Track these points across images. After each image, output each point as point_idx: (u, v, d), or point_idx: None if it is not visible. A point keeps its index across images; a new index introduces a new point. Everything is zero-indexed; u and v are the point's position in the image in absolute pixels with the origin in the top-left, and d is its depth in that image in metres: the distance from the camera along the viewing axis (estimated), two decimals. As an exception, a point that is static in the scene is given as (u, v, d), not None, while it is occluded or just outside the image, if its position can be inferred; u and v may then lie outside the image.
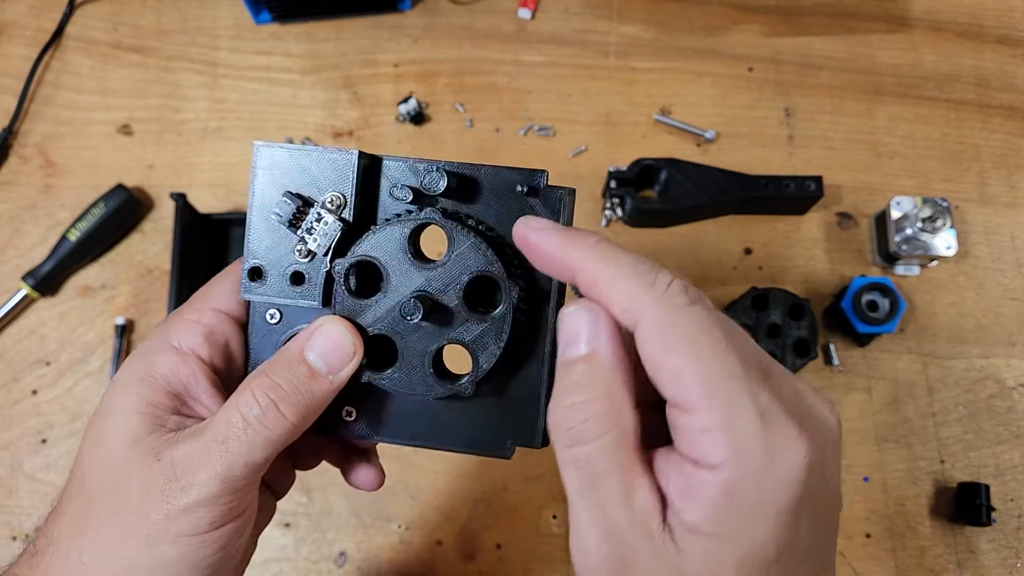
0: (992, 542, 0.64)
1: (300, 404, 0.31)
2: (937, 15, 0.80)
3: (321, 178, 0.33)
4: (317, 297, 0.34)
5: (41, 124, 0.75)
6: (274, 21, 0.78)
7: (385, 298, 0.33)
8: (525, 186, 0.33)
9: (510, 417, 0.35)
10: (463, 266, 0.32)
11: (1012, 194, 0.74)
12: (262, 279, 0.34)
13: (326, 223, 0.33)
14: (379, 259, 0.33)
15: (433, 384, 0.33)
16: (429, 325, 0.33)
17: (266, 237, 0.34)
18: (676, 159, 0.70)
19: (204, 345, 0.34)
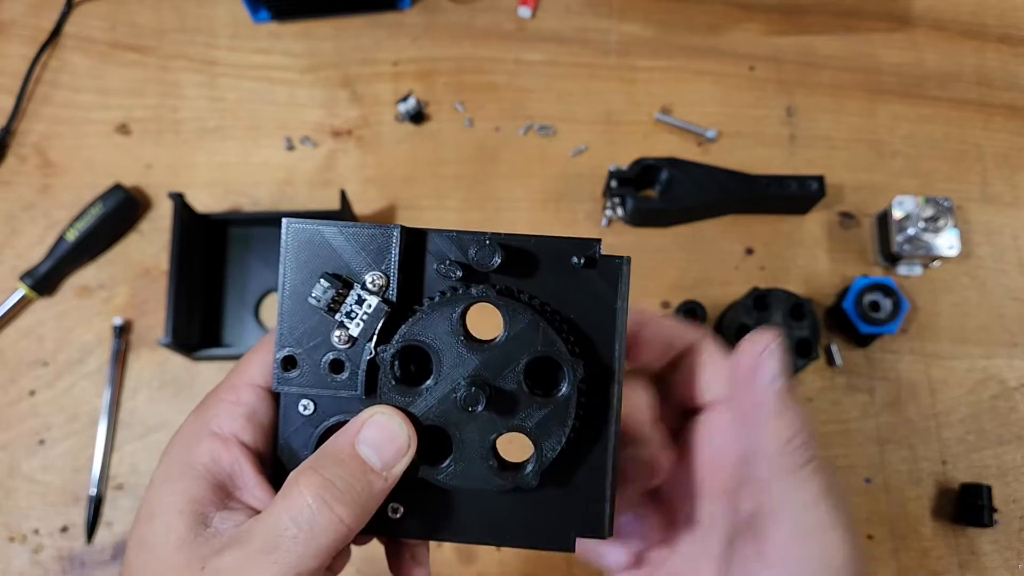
0: (994, 543, 0.64)
1: (355, 504, 0.28)
2: (939, 14, 0.79)
3: (358, 256, 0.31)
4: (359, 387, 0.31)
5: (39, 123, 0.75)
6: (272, 20, 0.78)
7: (437, 385, 0.30)
8: (582, 258, 0.31)
9: (572, 506, 0.32)
10: (521, 347, 0.30)
11: (1015, 194, 0.74)
12: (296, 368, 0.31)
13: (369, 305, 0.30)
14: (429, 343, 0.30)
15: (494, 477, 0.30)
16: (486, 413, 0.30)
17: (300, 323, 0.31)
18: (677, 158, 0.69)
19: (246, 428, 0.31)
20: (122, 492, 0.64)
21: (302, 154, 0.74)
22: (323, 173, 0.73)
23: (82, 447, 0.65)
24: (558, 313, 0.31)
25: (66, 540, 0.63)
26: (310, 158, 0.74)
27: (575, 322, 0.31)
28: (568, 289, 0.31)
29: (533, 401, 0.30)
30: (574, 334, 0.31)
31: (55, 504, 0.64)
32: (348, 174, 0.73)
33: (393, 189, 0.73)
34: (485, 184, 0.73)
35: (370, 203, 0.72)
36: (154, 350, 0.68)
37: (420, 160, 0.74)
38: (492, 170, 0.73)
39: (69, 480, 0.65)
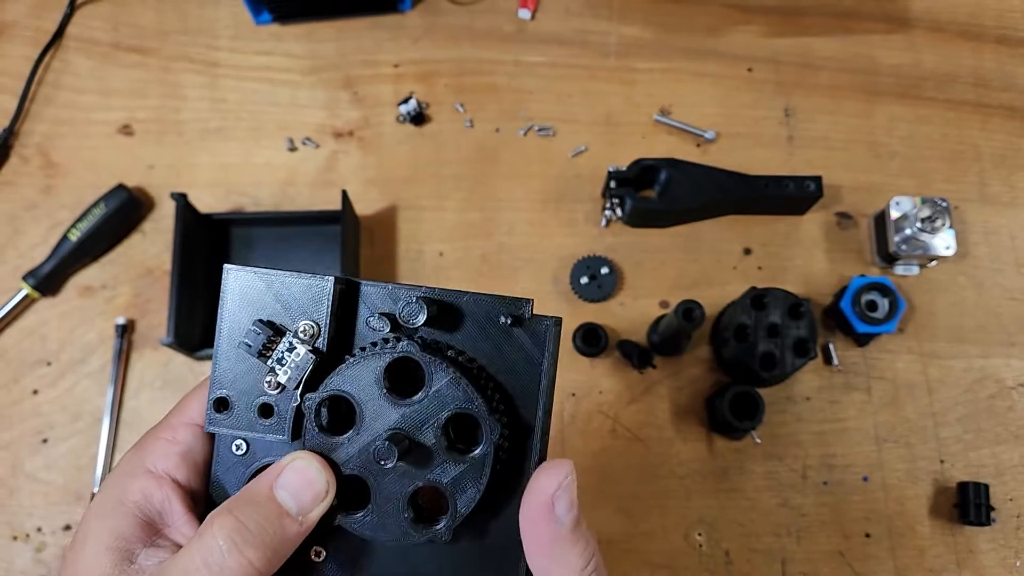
0: (991, 542, 0.64)
1: (267, 548, 0.29)
2: (937, 15, 0.80)
3: (295, 305, 0.32)
4: (286, 432, 0.31)
5: (41, 124, 0.75)
6: (274, 21, 0.78)
7: (359, 436, 0.31)
8: (509, 317, 0.31)
9: (490, 560, 0.32)
10: (441, 403, 0.30)
11: (1012, 194, 0.74)
12: (228, 410, 0.32)
13: (298, 354, 0.31)
14: (352, 394, 0.31)
15: (408, 529, 0.31)
16: (404, 466, 0.31)
17: (235, 366, 0.32)
18: (676, 159, 0.70)
19: (180, 467, 0.32)
20: (124, 491, 0.65)
21: (304, 155, 0.74)
22: (324, 174, 0.74)
23: (85, 446, 0.66)
24: (484, 370, 0.32)
25: (69, 538, 0.64)
26: (311, 159, 0.74)
27: (501, 380, 0.32)
28: (498, 346, 0.32)
29: (451, 457, 0.31)
30: (499, 392, 0.32)
31: (58, 503, 0.65)
32: (349, 175, 0.74)
33: (394, 190, 0.73)
34: (485, 185, 0.73)
35: (371, 204, 0.73)
36: (156, 350, 0.68)
37: (421, 161, 0.74)
38: (492, 171, 0.74)
39: (72, 479, 0.65)
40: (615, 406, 0.67)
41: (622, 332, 0.69)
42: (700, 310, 0.59)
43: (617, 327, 0.69)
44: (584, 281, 0.69)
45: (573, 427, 0.66)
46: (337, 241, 0.67)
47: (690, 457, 0.66)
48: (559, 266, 0.71)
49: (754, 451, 0.66)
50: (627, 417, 0.67)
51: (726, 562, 0.64)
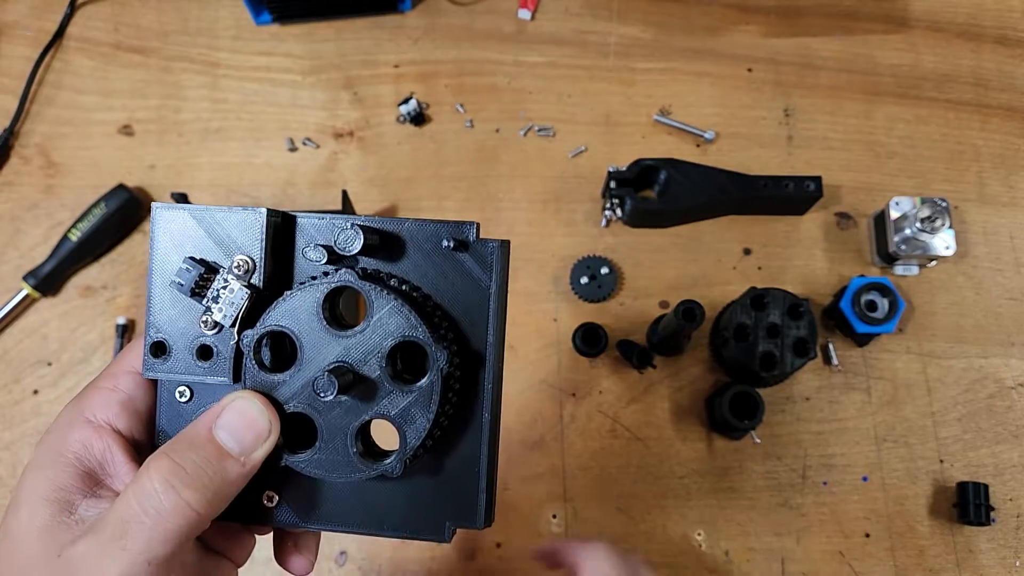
0: (991, 541, 0.65)
1: (207, 489, 0.28)
2: (936, 15, 0.80)
3: (229, 240, 0.30)
4: (227, 372, 0.30)
5: (42, 124, 0.75)
6: (274, 22, 0.78)
7: (300, 371, 0.30)
8: (452, 240, 0.31)
9: (448, 495, 0.32)
10: (384, 332, 0.29)
11: (1011, 194, 0.74)
12: (166, 355, 0.31)
13: (232, 290, 0.30)
14: (291, 329, 0.30)
15: (357, 465, 0.30)
16: (350, 399, 0.30)
17: (169, 308, 0.31)
18: (676, 159, 0.70)
19: (121, 415, 0.31)
20: (125, 490, 0.65)
21: (304, 155, 0.74)
22: (325, 174, 0.74)
23: (85, 446, 0.66)
24: (430, 298, 0.31)
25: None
26: (312, 159, 0.74)
27: (448, 308, 0.31)
28: (444, 273, 0.31)
29: (397, 388, 0.30)
30: (447, 320, 0.31)
31: (58, 502, 0.65)
32: (349, 175, 0.74)
33: (394, 190, 0.73)
34: (485, 185, 0.74)
35: (371, 204, 0.73)
36: (157, 349, 0.68)
37: (421, 161, 0.74)
38: (492, 171, 0.74)
39: (72, 478, 0.65)
40: (615, 406, 0.67)
41: (622, 332, 0.69)
42: (700, 310, 0.59)
43: (617, 327, 0.69)
44: (584, 281, 0.69)
45: (573, 427, 0.67)
46: (337, 241, 0.67)
47: (690, 457, 0.66)
48: (559, 266, 0.71)
49: (754, 451, 0.66)
50: (627, 417, 0.67)
51: (726, 562, 0.64)
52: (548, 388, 0.67)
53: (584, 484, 0.65)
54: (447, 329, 0.31)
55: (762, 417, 0.63)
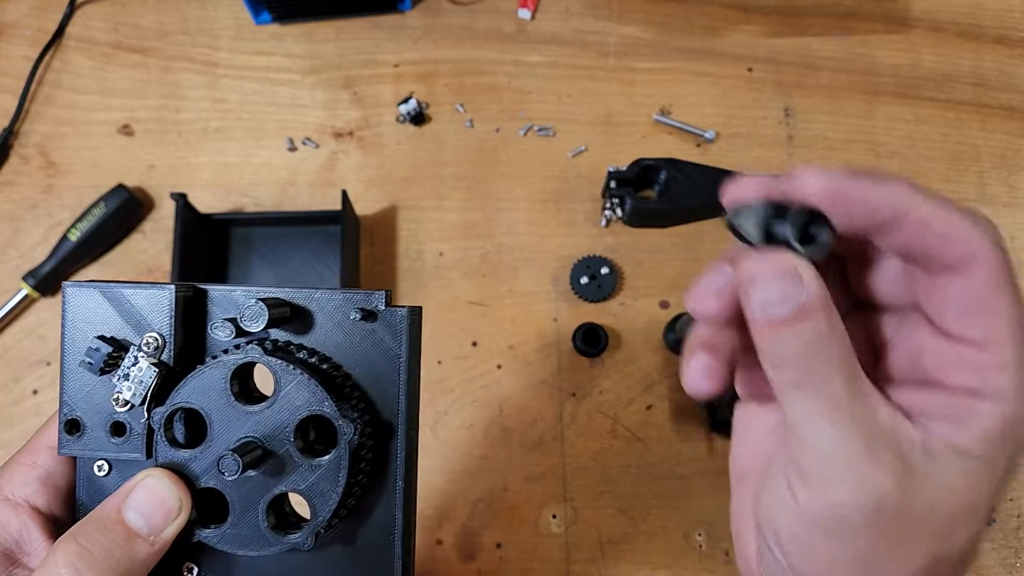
0: (992, 541, 0.64)
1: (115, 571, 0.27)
2: (936, 15, 0.80)
3: (139, 317, 0.30)
4: (140, 449, 0.31)
5: (42, 124, 0.75)
6: (274, 22, 0.78)
7: (211, 447, 0.30)
8: (359, 311, 0.30)
9: (365, 565, 0.32)
10: (292, 407, 0.30)
11: (1011, 194, 0.74)
12: (80, 432, 0.31)
13: (140, 368, 0.30)
14: (199, 406, 0.30)
15: (268, 539, 0.30)
16: (259, 475, 0.30)
17: (82, 386, 0.31)
18: (676, 159, 0.70)
19: (40, 492, 0.31)
20: (124, 490, 0.65)
21: (304, 155, 0.74)
22: (325, 174, 0.74)
23: (85, 446, 0.66)
24: (340, 368, 0.31)
25: (69, 538, 0.64)
26: (312, 159, 0.74)
27: (359, 379, 0.31)
28: (355, 343, 0.31)
29: (306, 462, 0.30)
30: (358, 391, 0.31)
31: (58, 502, 0.65)
32: (349, 175, 0.74)
33: (394, 190, 0.73)
34: (485, 184, 0.73)
35: (371, 204, 0.73)
36: (156, 349, 0.68)
37: (421, 161, 0.74)
38: (492, 171, 0.74)
39: (72, 479, 0.65)
40: (615, 406, 0.67)
41: (622, 332, 0.69)
42: None
43: (617, 327, 0.69)
44: (584, 281, 0.69)
45: (573, 427, 0.66)
46: (337, 241, 0.67)
47: (690, 457, 0.66)
48: (559, 266, 0.71)
49: (754, 451, 0.66)
50: (627, 417, 0.67)
51: (726, 562, 0.64)
52: (548, 388, 0.67)
53: (584, 484, 0.65)
54: (358, 399, 0.31)
55: (762, 417, 0.63)
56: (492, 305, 0.70)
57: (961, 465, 0.25)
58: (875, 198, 0.25)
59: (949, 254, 0.25)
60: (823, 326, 0.24)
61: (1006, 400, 0.25)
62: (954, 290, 0.25)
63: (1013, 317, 0.25)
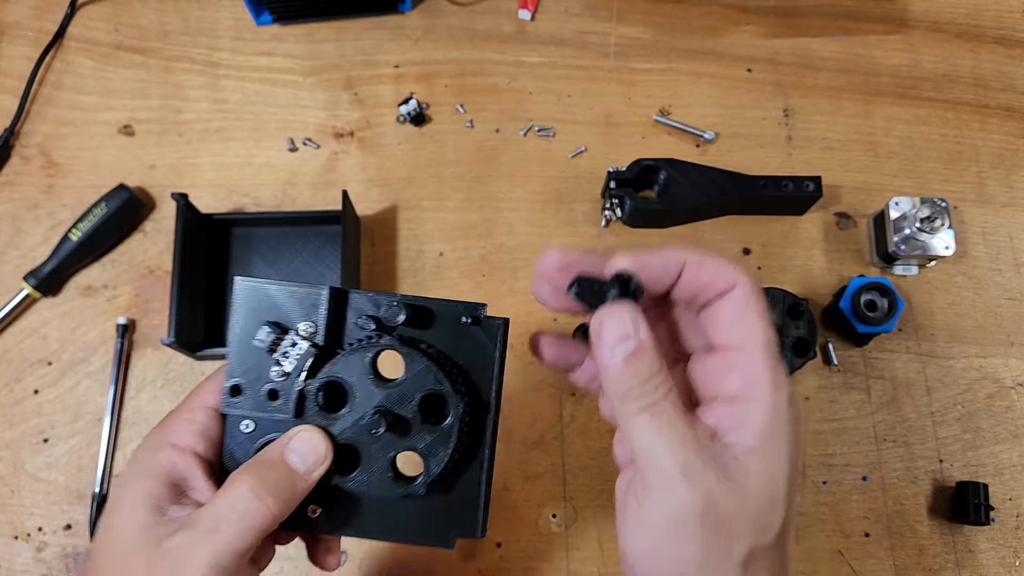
0: (991, 541, 0.65)
1: (280, 498, 0.36)
2: (935, 16, 0.80)
3: (295, 309, 0.39)
4: (291, 411, 0.39)
5: (43, 124, 0.75)
6: (275, 22, 0.78)
7: (351, 412, 0.38)
8: (469, 317, 0.39)
9: (454, 512, 0.40)
10: (417, 385, 0.38)
11: (1010, 194, 0.74)
12: (241, 395, 0.39)
13: (300, 348, 0.39)
14: (345, 379, 0.38)
15: (392, 486, 0.38)
16: (388, 435, 0.38)
17: (246, 359, 0.39)
18: (675, 159, 0.70)
19: (199, 441, 0.38)
20: (125, 490, 0.65)
21: (304, 155, 0.74)
22: (325, 174, 0.74)
23: (86, 445, 0.66)
24: (450, 360, 0.39)
25: (70, 538, 0.64)
26: (312, 159, 0.74)
27: (464, 368, 0.39)
28: (460, 341, 0.39)
29: (425, 428, 0.38)
30: (462, 377, 0.39)
31: (59, 502, 0.65)
32: (350, 175, 0.74)
33: (394, 190, 0.73)
34: (485, 185, 0.74)
35: (371, 204, 0.73)
36: (158, 349, 0.68)
37: (421, 161, 0.74)
38: (492, 171, 0.74)
39: (73, 478, 0.65)
40: (615, 405, 0.67)
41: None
42: None
43: (617, 327, 0.69)
44: (584, 281, 0.69)
45: (573, 427, 0.67)
46: (338, 241, 0.67)
47: (690, 456, 0.66)
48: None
49: (753, 450, 0.66)
50: (627, 416, 0.67)
51: (725, 561, 0.64)
52: (548, 388, 0.67)
53: (584, 484, 0.65)
54: (462, 383, 0.39)
55: (762, 417, 0.63)
56: (492, 305, 0.69)
57: (755, 462, 0.32)
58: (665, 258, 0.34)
59: (719, 283, 0.34)
60: (656, 362, 0.33)
61: (765, 393, 0.32)
62: (722, 310, 0.34)
63: (760, 324, 0.33)
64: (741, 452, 0.32)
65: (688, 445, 0.32)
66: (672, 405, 0.33)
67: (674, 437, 0.32)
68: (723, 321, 0.34)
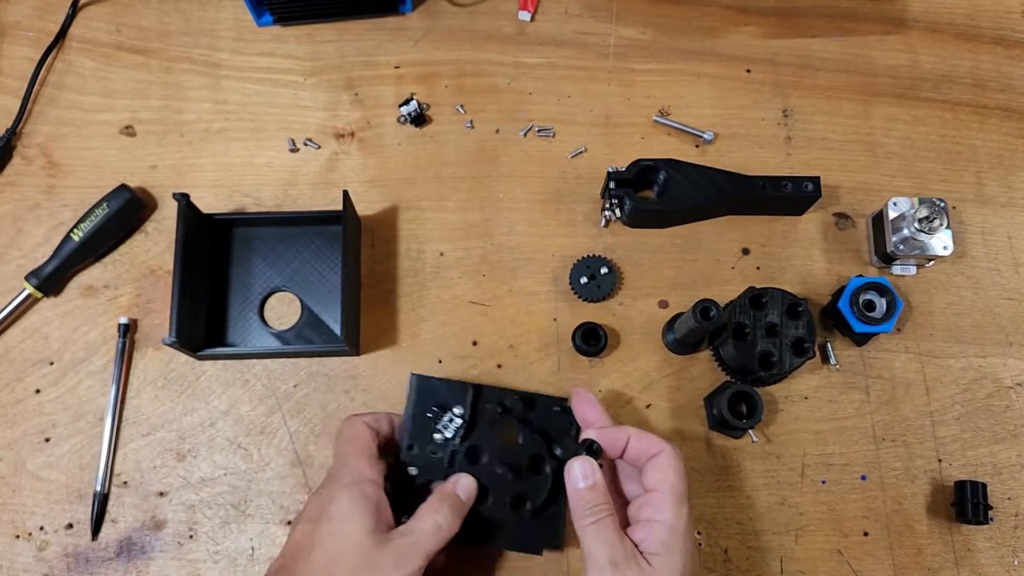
0: (989, 540, 0.65)
1: (457, 518, 0.55)
2: (934, 17, 0.80)
3: (451, 395, 0.60)
4: (445, 463, 0.59)
5: (44, 125, 0.75)
6: (276, 23, 0.78)
7: (486, 464, 0.59)
8: (559, 407, 0.61)
9: (543, 531, 0.59)
10: (526, 449, 0.59)
11: (1009, 194, 0.75)
12: (412, 451, 0.59)
13: (455, 422, 0.59)
14: (482, 444, 0.59)
15: (509, 512, 0.58)
16: (508, 480, 0.58)
17: (419, 429, 0.59)
18: (675, 160, 0.70)
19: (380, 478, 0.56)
20: (126, 489, 0.65)
21: (305, 156, 0.75)
22: (326, 174, 0.74)
23: (87, 445, 0.66)
24: (545, 431, 0.60)
25: (71, 537, 0.64)
26: (313, 159, 0.75)
27: (553, 437, 0.60)
28: (552, 419, 0.61)
29: (530, 476, 0.59)
30: (553, 443, 0.60)
31: (60, 501, 0.65)
32: (350, 175, 0.74)
33: (395, 190, 0.74)
34: (486, 185, 0.74)
35: (372, 204, 0.73)
36: (159, 349, 0.68)
37: (422, 162, 0.75)
38: (492, 171, 0.74)
39: (74, 478, 0.65)
40: (614, 405, 0.67)
41: (621, 331, 0.69)
42: (717, 309, 0.59)
43: (616, 327, 0.70)
44: (584, 281, 0.69)
45: (573, 426, 0.67)
46: (338, 241, 0.67)
47: (689, 456, 0.66)
48: (559, 266, 0.71)
49: (752, 450, 0.67)
50: (626, 416, 0.67)
51: (724, 560, 0.64)
52: (548, 388, 0.68)
53: (584, 483, 0.66)
54: (553, 448, 0.60)
55: (761, 416, 0.63)
56: (492, 305, 0.70)
57: (658, 562, 0.50)
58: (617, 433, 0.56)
59: (652, 449, 0.55)
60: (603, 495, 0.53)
61: (667, 519, 0.52)
62: (650, 466, 0.54)
63: (672, 475, 0.53)
64: (650, 555, 0.51)
65: (616, 548, 0.50)
66: (611, 522, 0.52)
67: (607, 541, 0.51)
68: (649, 472, 0.54)
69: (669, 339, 0.68)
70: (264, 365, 0.68)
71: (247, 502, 0.65)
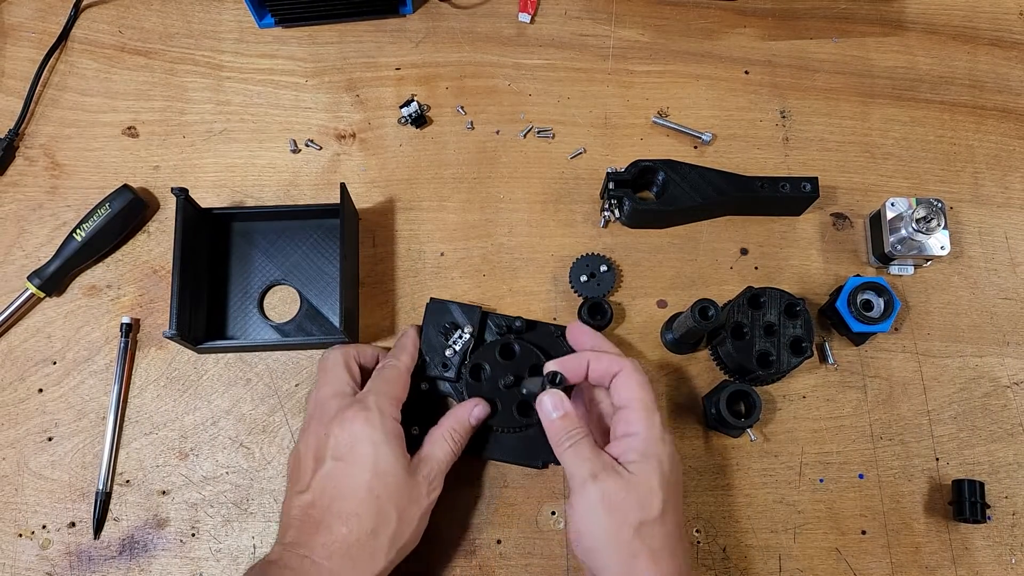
0: (987, 539, 0.65)
1: (467, 436, 0.61)
2: (932, 18, 0.81)
3: (461, 316, 0.66)
4: (453, 375, 0.65)
5: (47, 126, 0.76)
6: (277, 25, 0.79)
7: (491, 379, 0.64)
8: (559, 332, 0.66)
9: (543, 446, 0.59)
10: (526, 361, 0.65)
11: (1006, 194, 0.75)
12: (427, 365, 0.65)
13: (464, 339, 0.65)
14: (486, 361, 0.65)
15: (518, 419, 0.63)
16: (512, 390, 0.63)
17: (430, 344, 0.65)
18: (673, 161, 0.71)
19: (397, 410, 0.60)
20: (129, 488, 0.65)
21: (307, 156, 0.75)
22: (327, 175, 0.74)
23: (90, 444, 0.66)
24: (543, 348, 0.65)
25: (74, 536, 0.64)
26: (314, 160, 0.75)
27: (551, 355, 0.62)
28: (552, 342, 0.66)
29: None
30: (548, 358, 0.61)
31: (63, 500, 0.65)
32: (351, 176, 0.74)
33: (395, 191, 0.74)
34: (486, 186, 0.74)
35: (373, 204, 0.74)
36: (161, 348, 0.69)
37: (422, 162, 0.75)
38: (492, 172, 0.75)
39: (77, 476, 0.66)
40: (614, 404, 0.68)
41: (620, 331, 0.70)
42: (715, 309, 0.60)
43: (615, 326, 0.70)
44: (583, 280, 0.70)
45: (572, 425, 0.67)
46: (336, 234, 0.67)
47: (687, 454, 0.67)
48: (558, 266, 0.72)
49: (751, 449, 0.67)
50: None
51: (723, 558, 0.64)
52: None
53: (583, 481, 0.66)
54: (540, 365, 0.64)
55: (759, 415, 0.64)
56: (492, 304, 0.70)
57: (636, 468, 0.53)
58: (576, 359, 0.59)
59: (613, 368, 0.57)
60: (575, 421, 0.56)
61: (641, 430, 0.55)
62: (615, 383, 0.57)
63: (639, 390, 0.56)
64: (628, 464, 0.54)
65: (594, 462, 0.53)
66: (587, 442, 0.55)
67: (586, 459, 0.54)
68: (616, 391, 0.57)
69: (668, 338, 0.68)
70: (266, 364, 0.69)
71: (249, 500, 0.65)
